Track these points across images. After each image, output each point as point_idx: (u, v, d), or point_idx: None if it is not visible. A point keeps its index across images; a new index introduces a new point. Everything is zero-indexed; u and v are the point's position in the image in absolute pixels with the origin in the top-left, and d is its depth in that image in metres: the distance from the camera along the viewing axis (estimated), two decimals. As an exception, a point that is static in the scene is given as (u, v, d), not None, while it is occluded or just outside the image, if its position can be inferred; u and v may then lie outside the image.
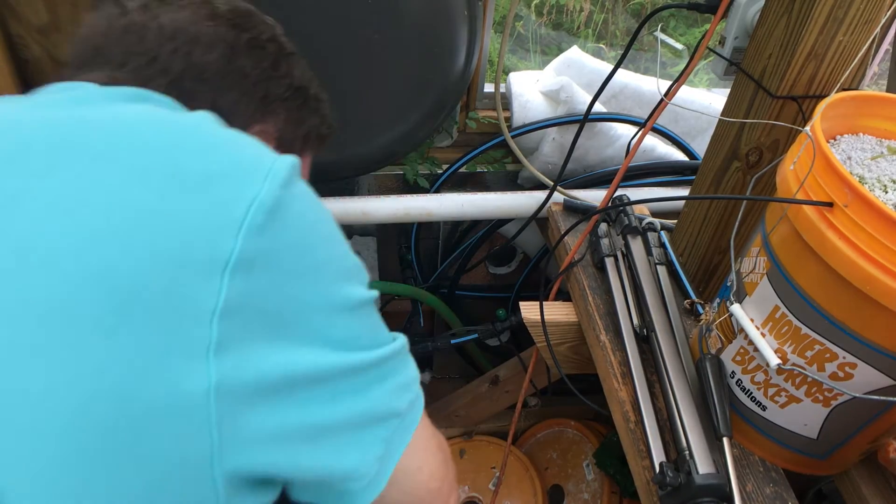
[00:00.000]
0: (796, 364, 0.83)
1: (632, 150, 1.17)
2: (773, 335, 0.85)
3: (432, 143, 1.68)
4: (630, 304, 1.16)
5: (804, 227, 0.76)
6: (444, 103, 1.34)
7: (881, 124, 0.90)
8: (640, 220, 1.30)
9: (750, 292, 0.89)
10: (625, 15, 3.17)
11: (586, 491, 1.70)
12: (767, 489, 0.95)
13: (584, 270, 1.28)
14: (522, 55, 2.98)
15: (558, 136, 1.60)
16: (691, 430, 0.93)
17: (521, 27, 3.04)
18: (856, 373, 0.79)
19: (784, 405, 0.90)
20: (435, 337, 1.58)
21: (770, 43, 1.00)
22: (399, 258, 1.89)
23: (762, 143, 1.06)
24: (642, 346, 1.11)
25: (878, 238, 0.69)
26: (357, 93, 1.27)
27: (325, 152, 1.37)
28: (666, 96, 1.09)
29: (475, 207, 1.47)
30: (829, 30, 0.93)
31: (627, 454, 1.04)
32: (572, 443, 1.82)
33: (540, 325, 1.23)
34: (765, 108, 1.02)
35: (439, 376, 2.34)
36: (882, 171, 0.82)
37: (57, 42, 1.47)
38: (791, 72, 0.97)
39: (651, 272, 1.20)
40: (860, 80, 1.02)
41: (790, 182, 0.80)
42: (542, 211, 1.46)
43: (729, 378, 0.96)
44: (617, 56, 1.31)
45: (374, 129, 1.33)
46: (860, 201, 0.70)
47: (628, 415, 1.03)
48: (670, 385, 1.00)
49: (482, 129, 1.68)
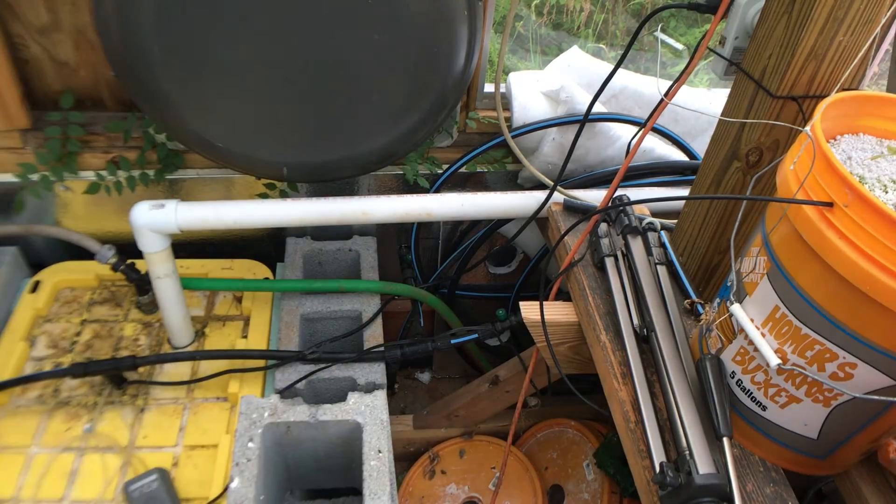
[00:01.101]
0: (796, 364, 0.83)
1: (632, 150, 1.17)
2: (773, 335, 0.85)
3: (432, 143, 1.68)
4: (630, 304, 1.16)
5: (804, 227, 0.76)
6: (444, 103, 1.34)
7: (881, 124, 0.90)
8: (640, 219, 1.30)
9: (750, 292, 0.89)
10: (625, 15, 3.17)
11: (586, 491, 1.70)
12: (768, 489, 0.95)
13: (585, 270, 1.28)
14: (522, 55, 2.98)
15: (558, 136, 1.60)
16: (691, 430, 0.93)
17: (522, 27, 3.04)
18: (856, 373, 0.79)
19: (784, 405, 0.90)
20: (435, 337, 1.58)
21: (770, 43, 1.00)
22: (399, 258, 1.89)
23: (762, 143, 1.06)
24: (642, 346, 1.11)
25: (878, 238, 0.69)
26: (357, 93, 1.27)
27: (325, 152, 1.38)
28: (666, 96, 1.09)
29: (475, 207, 1.47)
30: (830, 30, 0.93)
31: (627, 454, 1.04)
32: (572, 443, 1.82)
33: (540, 325, 1.23)
34: (765, 108, 1.02)
35: (439, 376, 2.34)
36: (882, 171, 0.82)
37: (57, 42, 1.47)
38: (791, 72, 0.97)
39: (651, 272, 1.20)
40: (860, 81, 1.02)
41: (790, 182, 0.80)
42: (542, 211, 1.46)
43: (729, 378, 0.96)
44: (617, 56, 1.31)
45: (374, 129, 1.33)
46: (860, 201, 0.70)
47: (628, 415, 1.03)
48: (670, 385, 1.00)
49: (482, 129, 1.68)
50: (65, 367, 1.44)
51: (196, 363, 1.53)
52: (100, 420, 1.40)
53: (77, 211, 1.66)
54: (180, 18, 1.14)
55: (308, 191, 1.71)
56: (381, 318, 1.64)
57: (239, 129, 1.30)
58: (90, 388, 1.46)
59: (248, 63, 1.21)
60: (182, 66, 1.20)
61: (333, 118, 1.30)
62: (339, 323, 1.66)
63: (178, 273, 1.44)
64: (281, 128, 1.31)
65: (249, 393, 1.45)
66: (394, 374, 2.23)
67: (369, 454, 1.26)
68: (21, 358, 1.49)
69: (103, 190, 1.56)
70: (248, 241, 1.82)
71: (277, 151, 1.34)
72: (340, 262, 1.79)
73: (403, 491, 1.82)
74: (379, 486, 1.21)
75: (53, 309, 1.62)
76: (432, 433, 1.90)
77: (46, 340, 1.54)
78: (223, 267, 1.71)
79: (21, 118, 1.49)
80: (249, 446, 1.27)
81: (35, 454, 1.33)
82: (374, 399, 1.36)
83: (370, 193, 1.74)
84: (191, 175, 1.64)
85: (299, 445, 1.39)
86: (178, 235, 1.36)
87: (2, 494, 1.26)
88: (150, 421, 1.41)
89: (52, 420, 1.39)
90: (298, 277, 1.69)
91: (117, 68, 1.25)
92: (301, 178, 1.51)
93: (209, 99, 1.25)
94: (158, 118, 1.33)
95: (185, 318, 1.52)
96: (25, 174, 1.52)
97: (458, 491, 1.80)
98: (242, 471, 1.23)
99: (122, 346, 1.55)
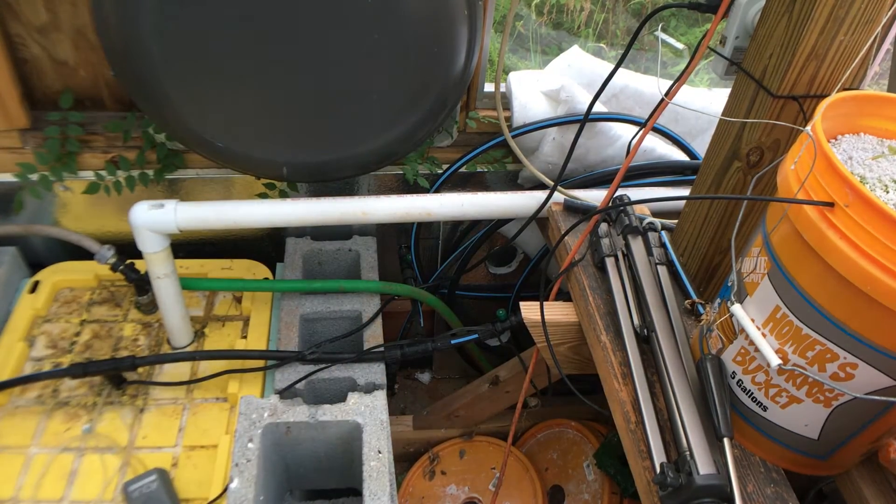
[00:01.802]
0: (797, 364, 0.83)
1: (632, 149, 1.17)
2: (773, 335, 0.85)
3: (432, 142, 1.68)
4: (630, 305, 1.16)
5: (805, 226, 0.76)
6: (445, 103, 1.34)
7: (882, 124, 0.90)
8: (640, 219, 1.30)
9: (751, 292, 0.88)
10: (625, 14, 3.17)
11: (587, 491, 1.70)
12: (768, 489, 0.95)
13: (585, 270, 1.28)
14: (523, 55, 2.98)
15: (558, 135, 1.60)
16: (692, 431, 0.92)
17: (522, 27, 3.04)
18: (857, 373, 0.79)
19: (785, 406, 0.89)
20: (435, 337, 1.58)
21: (771, 43, 0.99)
22: (399, 258, 1.89)
23: (763, 142, 1.06)
24: (643, 347, 1.11)
25: (879, 238, 0.69)
26: (357, 93, 1.27)
27: (325, 152, 1.38)
28: (666, 96, 1.09)
29: (475, 207, 1.47)
30: (830, 29, 0.93)
31: (628, 455, 1.04)
32: (572, 443, 1.82)
33: (540, 325, 1.23)
34: (765, 107, 1.02)
35: (439, 376, 2.33)
36: (883, 171, 0.82)
37: (56, 41, 1.47)
38: (792, 71, 0.97)
39: (652, 272, 1.20)
40: (861, 80, 1.02)
41: (791, 182, 0.80)
42: (542, 211, 1.46)
43: (730, 378, 0.96)
44: (617, 56, 1.31)
45: (374, 128, 1.33)
46: (861, 201, 0.70)
47: (629, 415, 1.03)
48: (671, 385, 1.00)
49: (482, 128, 1.68)
50: (64, 367, 1.43)
51: (195, 363, 1.53)
52: (99, 420, 1.40)
53: (76, 211, 1.66)
54: (180, 18, 1.14)
55: (308, 191, 1.70)
56: (381, 319, 1.64)
57: (239, 129, 1.30)
58: (89, 388, 1.46)
59: (247, 63, 1.21)
60: (182, 66, 1.20)
61: (333, 118, 1.30)
62: (339, 323, 1.66)
63: (177, 273, 1.44)
64: (281, 128, 1.31)
65: (249, 393, 1.45)
66: (394, 375, 2.23)
67: (369, 455, 1.26)
68: (20, 358, 1.49)
69: (103, 190, 1.55)
70: (248, 241, 1.82)
71: (277, 151, 1.34)
72: (340, 262, 1.79)
73: (403, 491, 1.81)
74: (379, 486, 1.21)
75: (52, 309, 1.61)
76: (432, 433, 1.90)
77: (45, 340, 1.54)
78: (223, 267, 1.71)
79: (20, 118, 1.49)
80: (249, 447, 1.27)
81: (34, 454, 1.33)
82: (373, 399, 1.36)
83: (370, 193, 1.74)
84: (190, 175, 1.64)
85: (299, 446, 1.38)
86: (177, 235, 1.36)
87: (1, 495, 1.26)
88: (149, 421, 1.41)
89: (52, 420, 1.39)
90: (298, 277, 1.69)
91: (117, 68, 1.25)
92: (301, 178, 1.51)
93: (209, 99, 1.25)
94: (158, 118, 1.33)
95: (184, 318, 1.52)
96: (25, 174, 1.52)
97: (458, 491, 1.80)
98: (242, 471, 1.23)
99: (121, 347, 1.55)
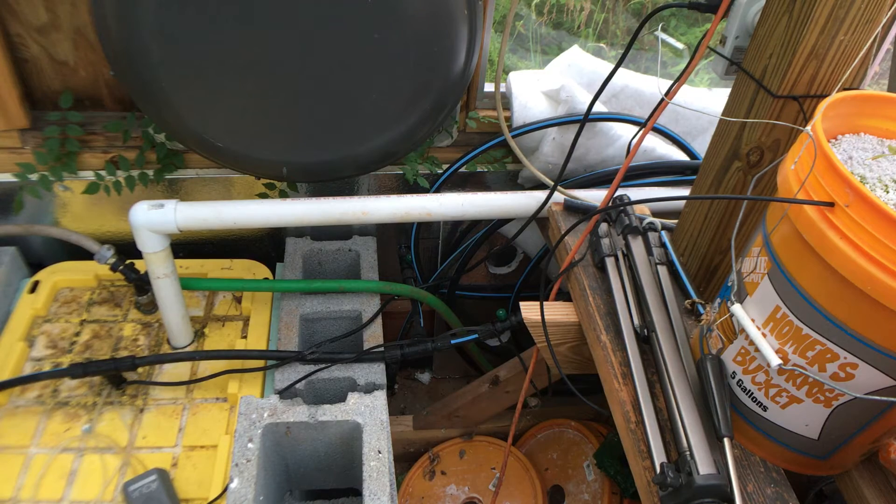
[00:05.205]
0: (797, 364, 0.83)
1: (632, 149, 1.16)
2: (774, 335, 0.85)
3: (432, 142, 1.68)
4: (630, 305, 1.16)
5: (805, 226, 0.76)
6: (444, 103, 1.34)
7: (882, 124, 0.90)
8: (640, 219, 1.30)
9: (751, 292, 0.88)
10: (625, 14, 3.17)
11: (587, 492, 1.70)
12: (768, 490, 0.95)
13: (585, 270, 1.28)
14: (522, 55, 2.98)
15: (558, 135, 1.60)
16: (692, 431, 0.92)
17: (522, 27, 3.04)
18: (857, 373, 0.79)
19: (785, 406, 0.89)
20: (435, 337, 1.58)
21: (771, 42, 0.99)
22: (399, 258, 1.89)
23: (763, 142, 1.06)
24: (643, 347, 1.11)
25: (879, 238, 0.69)
26: (357, 93, 1.27)
27: (325, 152, 1.38)
28: (666, 96, 1.09)
29: (475, 207, 1.47)
30: (830, 29, 0.93)
31: (628, 455, 1.03)
32: (572, 443, 1.82)
33: (540, 325, 1.23)
34: (766, 107, 1.02)
35: (439, 376, 2.33)
36: (883, 171, 0.82)
37: (56, 41, 1.47)
38: (792, 71, 0.97)
39: (652, 272, 1.20)
40: (861, 80, 1.02)
41: (791, 182, 0.80)
42: (542, 211, 1.46)
43: (730, 378, 0.96)
44: (617, 55, 1.31)
45: (374, 128, 1.33)
46: (861, 201, 0.70)
47: (629, 415, 1.03)
48: (671, 385, 1.00)
49: (482, 128, 1.68)
50: (64, 367, 1.44)
51: (195, 363, 1.53)
52: (99, 420, 1.40)
53: (76, 211, 1.66)
54: (180, 18, 1.14)
55: (308, 191, 1.70)
56: (381, 319, 1.64)
57: (239, 129, 1.30)
58: (89, 388, 1.46)
59: (248, 63, 1.21)
60: (182, 66, 1.20)
61: (333, 118, 1.30)
62: (339, 323, 1.66)
63: (177, 273, 1.44)
64: (281, 127, 1.31)
65: (249, 393, 1.45)
66: (394, 375, 2.23)
67: (369, 455, 1.26)
68: (20, 358, 1.49)
69: (102, 190, 1.55)
70: (248, 241, 1.82)
71: (277, 151, 1.34)
72: (340, 262, 1.79)
73: (403, 491, 1.81)
74: (379, 486, 1.21)
75: (52, 309, 1.61)
76: (432, 434, 1.90)
77: (45, 340, 1.54)
78: (223, 267, 1.71)
79: (20, 118, 1.48)
80: (249, 447, 1.27)
81: (34, 454, 1.33)
82: (373, 399, 1.36)
83: (370, 193, 1.74)
84: (190, 175, 1.64)
85: (299, 446, 1.38)
86: (177, 235, 1.36)
87: (1, 495, 1.26)
88: (149, 421, 1.41)
89: (51, 420, 1.39)
90: (298, 277, 1.69)
91: (116, 68, 1.25)
92: (301, 178, 1.51)
93: (209, 99, 1.25)
94: (158, 118, 1.33)
95: (184, 318, 1.52)
96: (24, 174, 1.52)
97: (458, 492, 1.80)
98: (242, 471, 1.23)
99: (121, 347, 1.55)
